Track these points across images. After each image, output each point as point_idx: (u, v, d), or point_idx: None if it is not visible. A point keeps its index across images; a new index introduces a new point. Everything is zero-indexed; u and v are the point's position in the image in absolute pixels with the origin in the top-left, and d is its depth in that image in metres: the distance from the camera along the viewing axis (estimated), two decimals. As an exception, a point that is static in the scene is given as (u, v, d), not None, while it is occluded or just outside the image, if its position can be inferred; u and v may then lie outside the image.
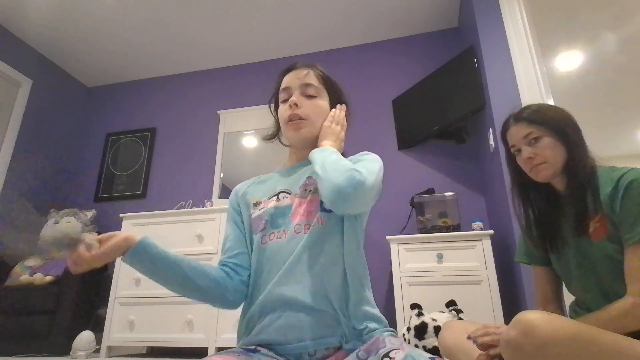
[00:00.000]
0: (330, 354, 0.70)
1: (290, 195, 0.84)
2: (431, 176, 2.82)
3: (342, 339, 0.71)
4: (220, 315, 2.26)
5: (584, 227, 0.98)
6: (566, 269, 1.07)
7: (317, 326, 0.71)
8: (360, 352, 0.68)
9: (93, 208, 3.20)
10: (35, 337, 2.36)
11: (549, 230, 1.09)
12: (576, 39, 3.31)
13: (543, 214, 1.11)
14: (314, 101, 0.88)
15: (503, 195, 2.10)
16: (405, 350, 0.63)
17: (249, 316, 0.77)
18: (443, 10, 3.01)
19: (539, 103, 1.14)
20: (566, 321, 0.79)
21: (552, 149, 1.03)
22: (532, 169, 1.06)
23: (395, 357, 0.61)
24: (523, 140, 1.07)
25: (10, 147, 3.09)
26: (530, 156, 1.05)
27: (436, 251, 2.13)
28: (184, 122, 3.52)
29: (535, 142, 1.05)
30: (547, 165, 1.03)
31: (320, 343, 0.70)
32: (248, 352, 0.70)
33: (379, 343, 0.68)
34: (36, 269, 2.59)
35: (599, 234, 0.95)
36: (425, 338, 1.65)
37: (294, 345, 0.71)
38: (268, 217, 0.82)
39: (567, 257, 1.06)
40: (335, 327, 0.72)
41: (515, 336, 0.75)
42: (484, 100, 2.38)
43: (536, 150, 1.04)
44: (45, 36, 3.25)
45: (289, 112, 0.86)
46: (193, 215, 2.55)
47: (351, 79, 3.24)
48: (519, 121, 1.09)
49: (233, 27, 3.18)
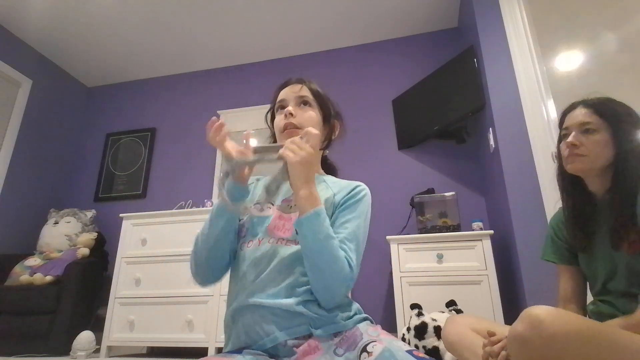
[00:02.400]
0: (302, 342, 0.73)
1: (273, 207, 0.88)
2: (431, 176, 2.82)
3: (310, 326, 0.74)
4: (220, 316, 2.26)
5: (621, 239, 0.94)
6: (594, 271, 1.05)
7: (281, 319, 0.74)
8: (337, 349, 0.70)
9: (93, 208, 3.21)
10: (35, 337, 2.35)
11: (582, 229, 1.06)
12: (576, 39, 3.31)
13: (578, 211, 1.07)
14: (307, 112, 0.93)
15: (503, 195, 2.10)
16: (384, 344, 0.64)
17: (226, 323, 0.82)
18: (443, 10, 3.01)
19: (614, 99, 1.05)
20: (573, 316, 0.79)
21: (601, 147, 0.98)
22: (569, 156, 1.02)
23: (373, 350, 0.63)
24: (578, 126, 1.02)
25: (10, 147, 3.09)
26: (575, 143, 1.00)
27: (436, 251, 2.13)
28: (184, 122, 3.52)
29: (589, 133, 1.00)
30: (585, 159, 0.99)
31: (289, 333, 0.73)
32: (233, 353, 0.73)
33: (355, 336, 0.70)
34: (36, 269, 2.59)
35: (633, 249, 0.93)
36: (425, 338, 1.65)
37: (265, 340, 0.73)
38: (249, 225, 0.86)
39: (597, 260, 1.04)
40: (299, 317, 0.74)
41: (523, 330, 0.75)
42: (484, 100, 2.38)
43: (584, 140, 0.99)
44: (45, 36, 3.25)
45: (284, 121, 0.91)
46: (193, 215, 2.55)
47: (351, 79, 3.24)
48: (587, 107, 1.03)
49: (233, 27, 3.17)
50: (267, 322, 0.74)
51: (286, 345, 0.73)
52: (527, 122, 2.08)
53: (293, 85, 0.96)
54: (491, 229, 2.38)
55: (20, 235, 3.08)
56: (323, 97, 0.97)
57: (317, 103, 0.95)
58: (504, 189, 2.05)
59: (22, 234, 3.09)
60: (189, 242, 2.74)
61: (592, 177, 1.02)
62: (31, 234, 3.07)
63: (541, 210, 1.90)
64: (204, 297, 2.32)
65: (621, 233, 0.94)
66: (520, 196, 1.99)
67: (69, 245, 2.86)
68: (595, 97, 1.06)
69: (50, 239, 2.91)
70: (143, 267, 2.47)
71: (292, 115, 0.90)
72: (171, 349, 2.61)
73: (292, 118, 0.90)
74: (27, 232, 3.09)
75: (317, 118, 0.94)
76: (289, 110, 0.90)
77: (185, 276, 2.39)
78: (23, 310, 2.40)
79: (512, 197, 2.00)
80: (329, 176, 0.97)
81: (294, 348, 0.72)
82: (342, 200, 0.85)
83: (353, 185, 0.89)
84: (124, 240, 2.57)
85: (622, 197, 0.95)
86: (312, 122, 0.92)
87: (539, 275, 1.79)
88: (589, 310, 1.06)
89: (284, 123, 0.91)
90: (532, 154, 2.02)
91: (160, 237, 2.52)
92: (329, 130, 0.98)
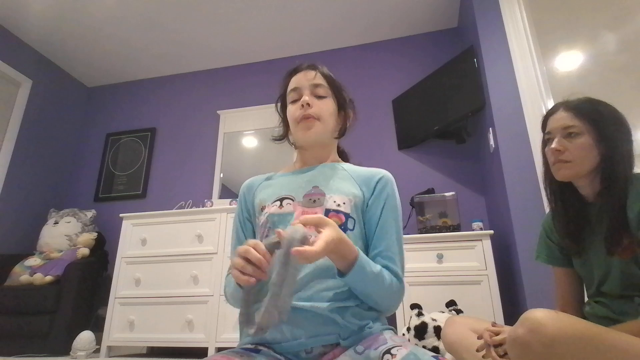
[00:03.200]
0: (327, 351, 0.70)
1: (294, 202, 0.82)
2: (431, 176, 2.82)
3: (339, 336, 0.71)
4: (220, 316, 2.26)
5: (615, 245, 0.93)
6: (588, 273, 1.05)
7: (312, 324, 0.70)
8: (358, 347, 0.67)
9: (93, 208, 3.20)
10: (35, 337, 2.35)
11: (573, 235, 1.04)
12: (576, 39, 3.31)
13: (569, 215, 1.05)
14: (323, 101, 0.89)
15: (503, 195, 2.10)
16: (409, 349, 0.62)
17: None
18: (443, 10, 3.01)
19: (596, 99, 1.02)
20: (574, 319, 0.78)
21: (586, 151, 0.96)
22: (555, 163, 1.00)
23: (397, 354, 0.61)
24: (561, 131, 0.99)
25: (10, 147, 3.09)
26: (559, 149, 0.98)
27: (436, 251, 2.13)
28: (184, 122, 3.52)
29: (572, 137, 0.97)
30: (571, 165, 0.97)
31: (317, 341, 0.70)
32: (249, 351, 0.70)
33: (378, 340, 0.68)
34: (36, 269, 2.59)
35: (626, 254, 0.92)
36: (426, 338, 1.65)
37: (290, 343, 0.70)
38: (270, 224, 0.81)
39: (590, 263, 1.03)
40: (331, 325, 0.71)
41: (523, 334, 0.75)
42: (484, 100, 2.38)
43: (568, 145, 0.97)
44: (45, 36, 3.25)
45: (300, 111, 0.86)
46: (193, 215, 2.55)
47: (351, 79, 3.24)
48: (568, 110, 1.00)
49: (233, 27, 3.17)
50: (296, 324, 0.70)
51: (311, 352, 0.70)
52: (527, 122, 2.08)
53: (306, 72, 0.90)
54: (491, 229, 2.38)
55: (20, 235, 3.08)
56: (337, 85, 0.93)
57: (331, 91, 0.91)
58: (504, 189, 2.05)
59: (22, 234, 3.09)
60: (189, 242, 2.74)
61: (582, 181, 1.01)
62: (31, 234, 3.07)
63: (541, 210, 1.90)
64: (204, 297, 2.32)
65: (614, 239, 0.93)
66: (520, 196, 1.99)
67: (69, 245, 2.86)
68: (576, 98, 1.04)
69: (50, 239, 2.91)
70: (143, 267, 2.47)
71: (310, 105, 0.86)
72: (171, 349, 2.61)
73: (309, 109, 0.86)
74: (27, 232, 3.09)
75: (333, 107, 0.90)
76: (305, 101, 0.86)
77: (186, 276, 2.39)
78: (23, 310, 2.40)
79: (512, 197, 2.00)
80: (347, 164, 0.93)
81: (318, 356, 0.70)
82: (370, 197, 0.83)
83: (376, 177, 0.85)
84: (124, 240, 2.57)
85: (612, 201, 0.93)
86: (329, 111, 0.88)
87: (539, 275, 1.80)
88: (585, 312, 1.06)
89: (300, 114, 0.86)
90: (532, 154, 2.02)
91: (160, 237, 2.52)
92: (344, 117, 0.94)
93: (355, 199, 0.81)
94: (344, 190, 0.82)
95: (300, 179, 0.88)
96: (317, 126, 0.86)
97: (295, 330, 0.70)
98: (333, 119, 0.90)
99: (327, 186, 0.83)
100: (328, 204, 0.80)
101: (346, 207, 0.80)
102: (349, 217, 0.79)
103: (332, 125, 0.90)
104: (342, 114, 0.93)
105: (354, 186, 0.84)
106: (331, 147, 0.94)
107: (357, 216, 0.81)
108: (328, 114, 0.88)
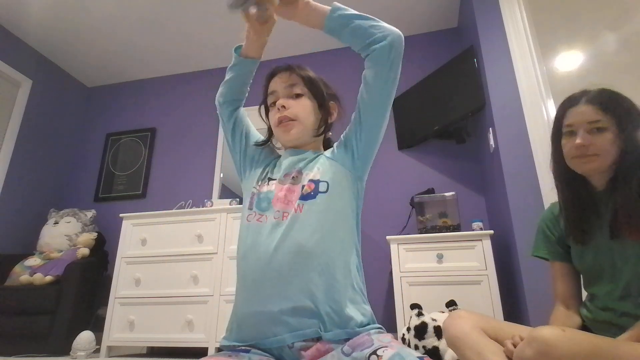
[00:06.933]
0: (310, 346, 0.70)
1: (274, 182, 0.87)
2: (431, 176, 2.82)
3: (320, 329, 0.71)
4: (220, 316, 2.26)
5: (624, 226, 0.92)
6: (588, 265, 1.04)
7: (292, 318, 0.71)
8: (345, 347, 0.68)
9: (93, 208, 3.20)
10: (35, 337, 2.35)
11: (581, 220, 1.03)
12: (576, 39, 3.30)
13: (580, 203, 1.04)
14: (300, 101, 0.90)
15: (503, 195, 2.10)
16: (395, 349, 0.62)
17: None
18: (443, 10, 3.01)
19: (615, 91, 1.01)
20: (583, 336, 0.78)
21: (611, 145, 0.95)
22: (580, 158, 0.98)
23: (383, 355, 0.61)
24: (586, 125, 0.97)
25: (10, 147, 3.09)
26: (585, 144, 0.96)
27: (436, 251, 2.13)
28: (184, 122, 3.52)
29: (598, 132, 0.96)
30: (598, 158, 0.96)
31: (297, 335, 0.71)
32: (240, 352, 0.71)
33: (365, 341, 0.68)
34: (36, 269, 2.59)
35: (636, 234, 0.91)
36: (425, 338, 1.65)
37: (271, 340, 0.72)
38: (256, 198, 0.86)
39: (590, 253, 1.02)
40: (311, 318, 0.71)
41: (532, 356, 0.75)
42: (484, 100, 2.38)
43: (595, 140, 0.96)
44: (45, 36, 3.25)
45: (278, 114, 0.89)
46: (193, 215, 2.55)
47: (351, 79, 3.22)
48: (592, 103, 0.98)
49: (233, 27, 3.17)
50: (274, 320, 0.72)
51: (293, 347, 0.71)
52: (527, 122, 2.08)
53: (281, 74, 0.93)
54: (491, 229, 2.38)
55: (20, 235, 3.08)
56: (314, 82, 0.93)
57: (308, 89, 0.92)
58: (504, 189, 2.05)
59: (22, 234, 3.09)
60: (189, 242, 2.74)
61: (599, 173, 1.00)
62: (31, 234, 3.07)
63: (541, 210, 1.88)
64: (204, 297, 2.32)
65: (624, 221, 0.92)
66: (520, 196, 1.99)
67: (69, 245, 2.86)
68: (596, 89, 1.02)
69: (50, 239, 2.91)
70: (143, 267, 2.47)
71: (285, 107, 0.88)
72: (171, 349, 2.61)
73: (285, 111, 0.88)
74: (27, 232, 3.09)
75: (310, 105, 0.91)
76: (280, 104, 0.89)
77: (185, 276, 2.39)
78: (23, 310, 2.40)
79: (512, 197, 2.00)
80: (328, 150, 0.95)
81: (301, 351, 0.70)
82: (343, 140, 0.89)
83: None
84: (124, 240, 2.57)
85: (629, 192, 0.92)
86: (306, 110, 0.90)
87: (538, 275, 1.80)
88: (584, 316, 1.05)
89: (277, 117, 0.89)
90: (532, 154, 2.02)
91: (160, 237, 2.52)
92: (325, 113, 0.94)
93: (333, 166, 0.85)
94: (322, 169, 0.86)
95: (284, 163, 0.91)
96: (296, 127, 0.89)
97: (274, 327, 0.72)
98: (313, 117, 0.91)
99: (305, 167, 0.87)
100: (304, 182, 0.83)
101: (320, 175, 0.84)
102: (320, 182, 0.82)
103: (312, 122, 0.91)
104: (323, 110, 0.93)
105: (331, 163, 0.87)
106: (315, 145, 0.95)
107: (337, 176, 0.84)
108: (306, 113, 0.90)
